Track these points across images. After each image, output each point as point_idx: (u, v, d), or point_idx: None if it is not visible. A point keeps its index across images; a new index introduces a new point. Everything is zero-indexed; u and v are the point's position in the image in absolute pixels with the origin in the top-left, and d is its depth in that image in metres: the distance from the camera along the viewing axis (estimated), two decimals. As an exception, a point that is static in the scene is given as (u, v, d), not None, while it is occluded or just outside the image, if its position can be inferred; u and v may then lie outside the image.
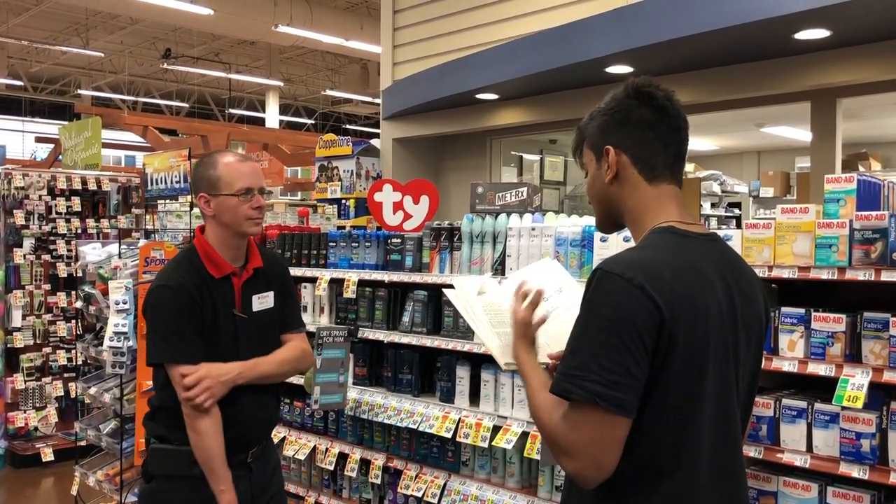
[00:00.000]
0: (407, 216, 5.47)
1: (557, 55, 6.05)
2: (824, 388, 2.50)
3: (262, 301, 2.71)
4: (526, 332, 1.82)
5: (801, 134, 9.58)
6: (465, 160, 8.47)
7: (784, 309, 2.50)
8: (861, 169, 9.09)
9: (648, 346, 1.50)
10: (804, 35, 4.97)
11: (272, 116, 21.37)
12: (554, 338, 1.90)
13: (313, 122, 25.78)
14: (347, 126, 24.57)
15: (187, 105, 24.06)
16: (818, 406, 2.42)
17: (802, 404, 2.45)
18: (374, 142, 8.70)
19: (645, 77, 1.71)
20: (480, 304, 2.00)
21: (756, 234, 2.52)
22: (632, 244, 2.86)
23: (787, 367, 2.46)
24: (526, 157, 9.15)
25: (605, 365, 1.49)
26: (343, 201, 8.15)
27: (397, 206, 5.49)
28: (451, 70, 7.14)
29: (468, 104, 7.56)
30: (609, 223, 1.81)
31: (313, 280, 4.25)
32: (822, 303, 2.52)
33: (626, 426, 1.51)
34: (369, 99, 20.10)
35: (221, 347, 2.59)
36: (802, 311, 2.45)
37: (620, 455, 1.52)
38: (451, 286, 3.55)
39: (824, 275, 2.38)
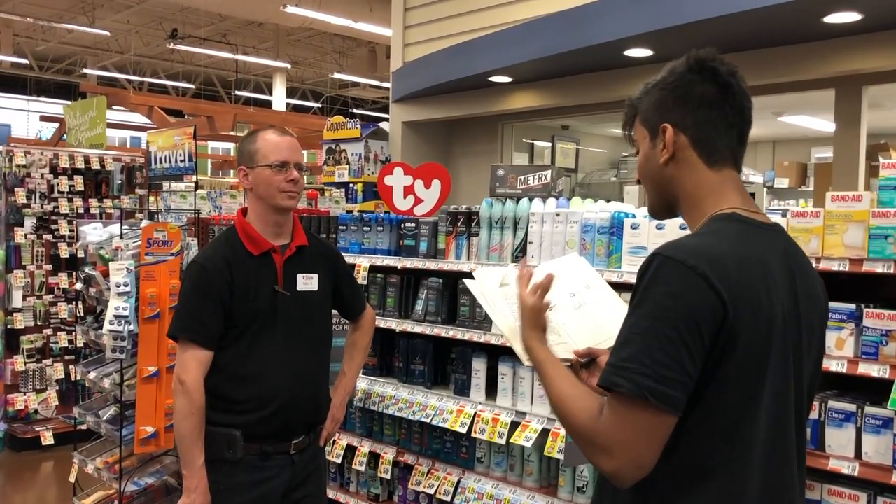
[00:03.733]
0: (418, 201, 5.30)
1: (574, 37, 5.88)
2: (872, 390, 2.34)
3: (307, 282, 2.72)
4: (538, 320, 1.68)
5: (819, 123, 9.36)
6: (476, 145, 8.30)
7: (832, 304, 2.32)
8: (881, 160, 8.87)
9: (707, 342, 1.36)
10: (834, 18, 4.79)
11: (279, 99, 21.15)
12: (582, 335, 1.77)
13: (320, 105, 25.56)
14: (354, 110, 24.35)
15: (193, 86, 23.83)
16: (869, 410, 2.25)
17: (851, 407, 2.27)
18: (383, 125, 8.53)
19: (708, 49, 1.54)
20: (502, 296, 1.85)
21: (803, 223, 2.35)
22: (664, 231, 2.73)
23: (835, 366, 2.29)
24: (537, 143, 8.98)
25: (658, 358, 1.35)
26: (351, 185, 8.00)
27: (408, 189, 5.33)
28: (464, 52, 6.96)
29: (480, 87, 7.39)
30: (662, 208, 1.65)
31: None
32: (872, 298, 2.34)
33: (671, 424, 1.38)
34: (377, 83, 19.87)
35: (258, 322, 2.61)
36: (853, 306, 2.28)
37: (660, 453, 1.39)
38: (467, 274, 3.42)
39: (879, 268, 2.21)
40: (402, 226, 3.70)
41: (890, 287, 2.41)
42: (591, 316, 1.80)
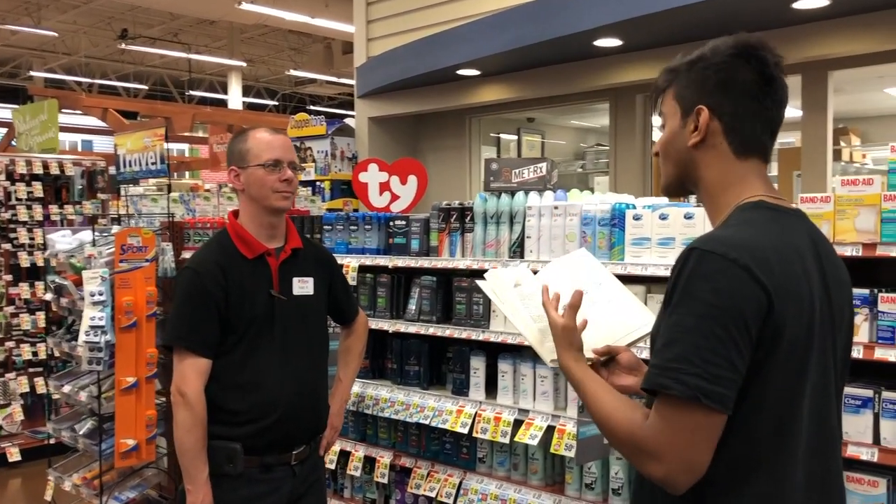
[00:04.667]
0: (394, 197, 5.23)
1: (542, 29, 5.83)
2: (887, 375, 2.33)
3: (303, 286, 2.63)
4: (572, 339, 1.62)
5: (780, 110, 9.49)
6: (444, 140, 8.22)
7: (845, 290, 2.31)
8: (842, 144, 9.04)
9: (754, 337, 1.32)
10: (803, 4, 4.81)
11: (235, 98, 20.78)
12: (599, 333, 1.72)
13: (276, 103, 25.21)
14: (311, 107, 24.07)
15: (146, 87, 23.31)
16: (886, 394, 2.24)
17: (868, 393, 2.26)
18: (349, 121, 8.41)
19: (757, 36, 1.48)
20: (518, 296, 1.79)
21: (813, 209, 2.32)
22: (668, 222, 2.69)
23: (852, 353, 2.27)
24: (503, 136, 8.96)
25: (707, 357, 1.30)
26: (317, 183, 7.87)
27: (384, 186, 5.25)
28: (430, 45, 6.86)
29: (448, 81, 7.30)
30: (679, 188, 1.60)
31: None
32: (883, 283, 2.33)
33: (723, 423, 1.34)
34: (334, 79, 19.63)
35: (254, 329, 2.51)
36: (867, 291, 2.27)
37: (712, 454, 1.35)
38: (462, 272, 3.36)
39: (893, 252, 2.20)
40: (392, 224, 3.60)
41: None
42: (606, 313, 1.76)
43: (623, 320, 1.76)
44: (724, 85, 1.47)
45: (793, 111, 6.12)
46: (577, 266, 1.87)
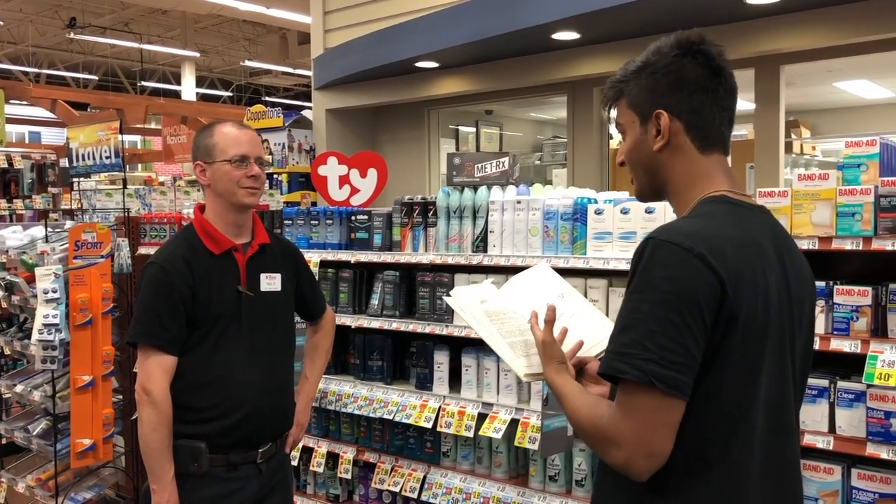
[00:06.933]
0: (354, 191, 5.19)
1: (501, 21, 5.85)
2: (841, 365, 2.39)
3: (271, 282, 2.60)
4: (553, 352, 1.65)
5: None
6: (403, 132, 8.21)
7: (802, 282, 2.36)
8: (794, 136, 9.21)
9: (708, 323, 1.35)
10: (756, -1, 4.90)
11: (188, 89, 20.43)
12: (567, 345, 1.75)
13: (230, 94, 24.85)
14: (266, 98, 23.77)
15: (96, 78, 22.78)
16: (841, 384, 2.29)
17: (824, 383, 2.32)
18: (306, 113, 8.33)
19: (696, 32, 1.51)
20: (484, 313, 1.81)
21: (771, 203, 2.36)
22: (629, 216, 2.72)
23: (808, 344, 2.32)
24: (462, 128, 8.96)
25: (661, 343, 1.33)
26: (275, 176, 7.80)
27: (343, 180, 5.21)
28: (388, 37, 6.84)
29: (406, 73, 7.29)
30: (652, 192, 1.62)
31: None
32: (839, 275, 2.39)
33: (681, 409, 1.36)
34: (289, 70, 19.43)
35: (221, 325, 2.48)
36: (822, 284, 2.32)
37: (674, 440, 1.37)
38: (426, 267, 3.36)
39: (848, 245, 2.25)
40: (354, 218, 3.58)
41: (856, 263, 2.46)
42: (571, 325, 1.78)
43: (589, 332, 1.78)
44: (675, 85, 1.49)
45: (745, 104, 6.24)
46: (540, 280, 1.91)
